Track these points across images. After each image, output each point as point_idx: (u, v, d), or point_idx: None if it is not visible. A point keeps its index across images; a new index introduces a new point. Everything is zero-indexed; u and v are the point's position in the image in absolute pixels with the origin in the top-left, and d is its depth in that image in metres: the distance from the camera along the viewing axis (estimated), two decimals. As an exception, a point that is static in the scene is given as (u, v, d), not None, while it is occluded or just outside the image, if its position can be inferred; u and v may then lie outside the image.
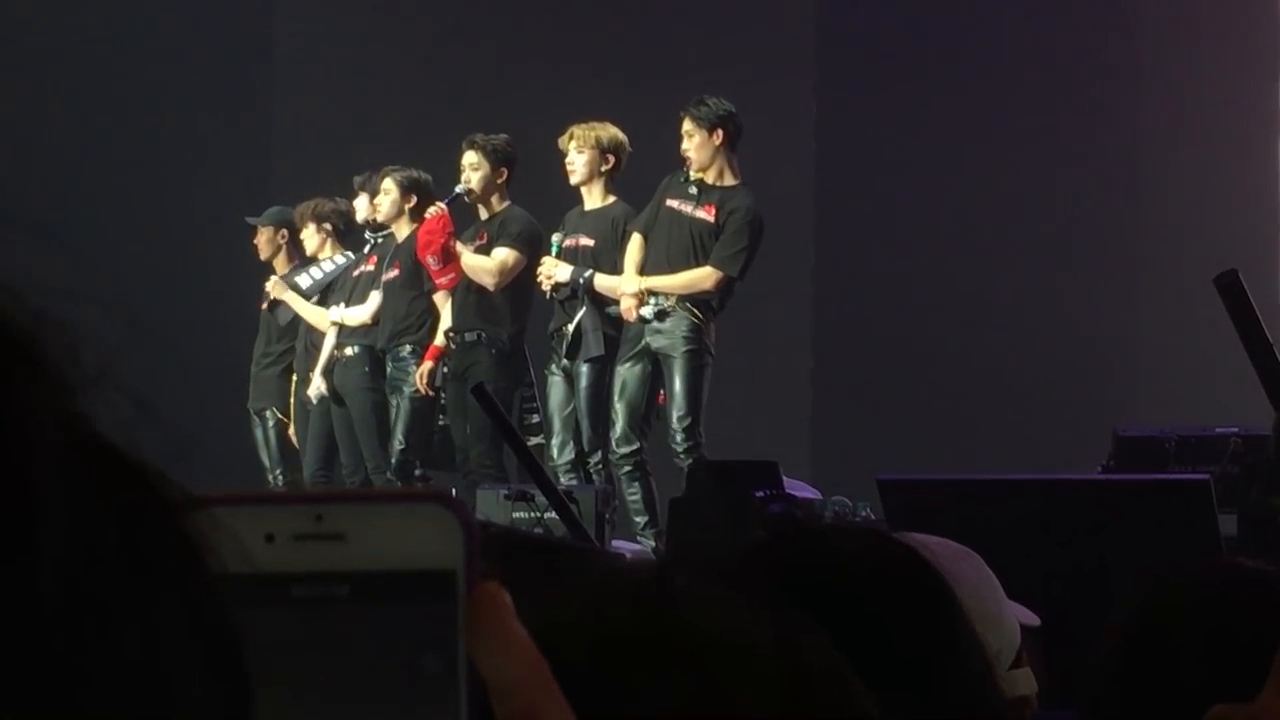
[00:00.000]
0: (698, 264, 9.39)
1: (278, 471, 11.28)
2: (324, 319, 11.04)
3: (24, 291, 0.61)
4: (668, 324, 9.37)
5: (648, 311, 9.36)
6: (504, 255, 9.99)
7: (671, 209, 9.49)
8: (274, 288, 11.28)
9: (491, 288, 9.98)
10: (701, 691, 1.05)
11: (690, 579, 1.08)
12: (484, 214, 10.17)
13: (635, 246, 9.53)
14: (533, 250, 9.94)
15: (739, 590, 1.12)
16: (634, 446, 9.42)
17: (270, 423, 11.38)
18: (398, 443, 10.42)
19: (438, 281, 10.14)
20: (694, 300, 9.37)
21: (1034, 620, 2.18)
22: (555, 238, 9.80)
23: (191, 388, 12.71)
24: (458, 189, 10.11)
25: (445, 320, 10.28)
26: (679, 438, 9.32)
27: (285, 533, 0.71)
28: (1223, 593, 2.03)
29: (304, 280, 11.24)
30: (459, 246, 10.03)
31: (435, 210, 10.10)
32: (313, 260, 11.39)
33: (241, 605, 0.63)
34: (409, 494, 0.74)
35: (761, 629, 1.07)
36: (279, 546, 0.71)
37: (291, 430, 11.33)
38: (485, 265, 9.99)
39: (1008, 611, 2.03)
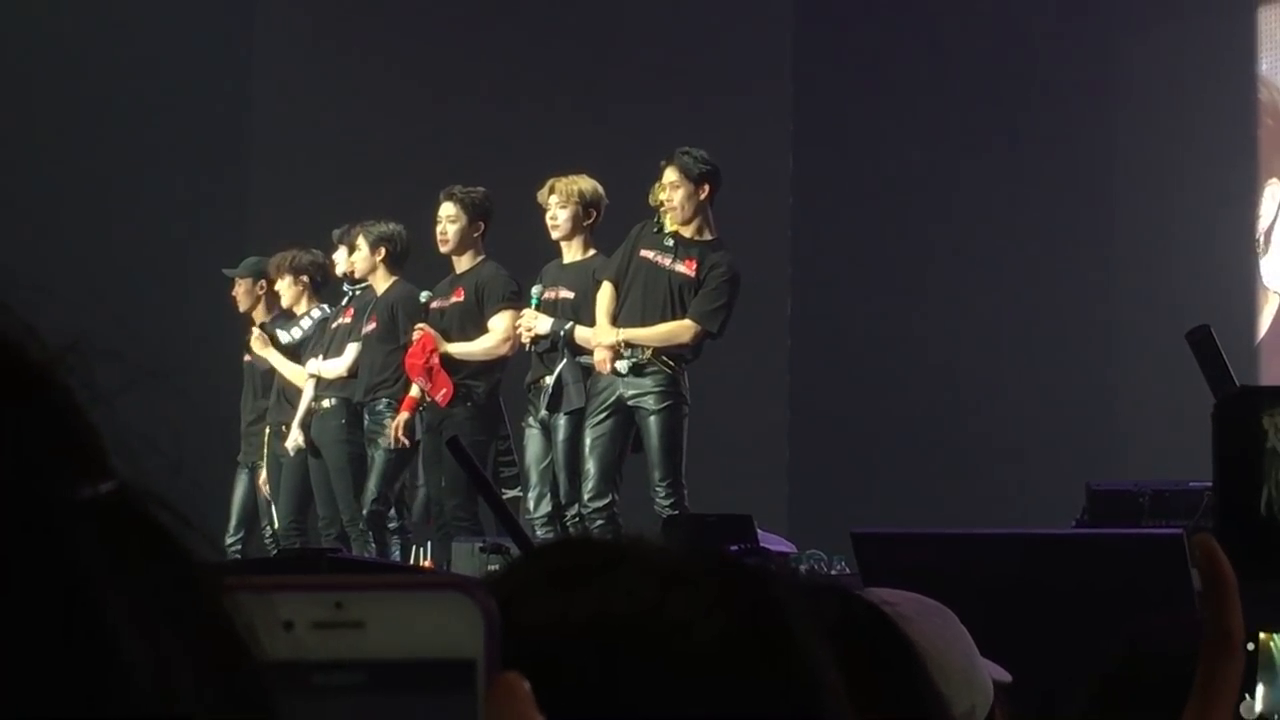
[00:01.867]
0: (674, 317, 9.38)
1: (265, 523, 11.26)
2: (301, 375, 11.04)
3: (52, 349, 0.59)
4: (643, 377, 9.34)
5: (623, 365, 9.33)
6: (501, 321, 9.95)
7: (647, 260, 9.45)
8: (256, 342, 11.26)
9: (508, 354, 9.96)
10: (632, 593, 1.06)
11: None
12: (458, 267, 10.17)
13: (607, 296, 9.47)
14: (518, 304, 9.93)
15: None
16: (606, 500, 9.38)
17: (260, 477, 11.39)
18: (370, 495, 10.41)
19: (435, 398, 10.07)
20: (668, 352, 9.35)
21: (1006, 676, 2.17)
22: (535, 290, 9.79)
23: (170, 437, 12.65)
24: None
25: (421, 375, 10.28)
26: (661, 494, 9.27)
27: (304, 620, 0.70)
28: (1194, 650, 2.04)
29: (284, 336, 11.24)
30: (450, 347, 9.99)
31: (419, 331, 10.07)
32: (289, 313, 11.38)
33: None
34: (431, 582, 0.73)
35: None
36: (298, 634, 0.70)
37: (263, 480, 11.31)
38: (489, 343, 9.96)
39: (980, 668, 2.02)
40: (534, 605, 1.06)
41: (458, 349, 9.99)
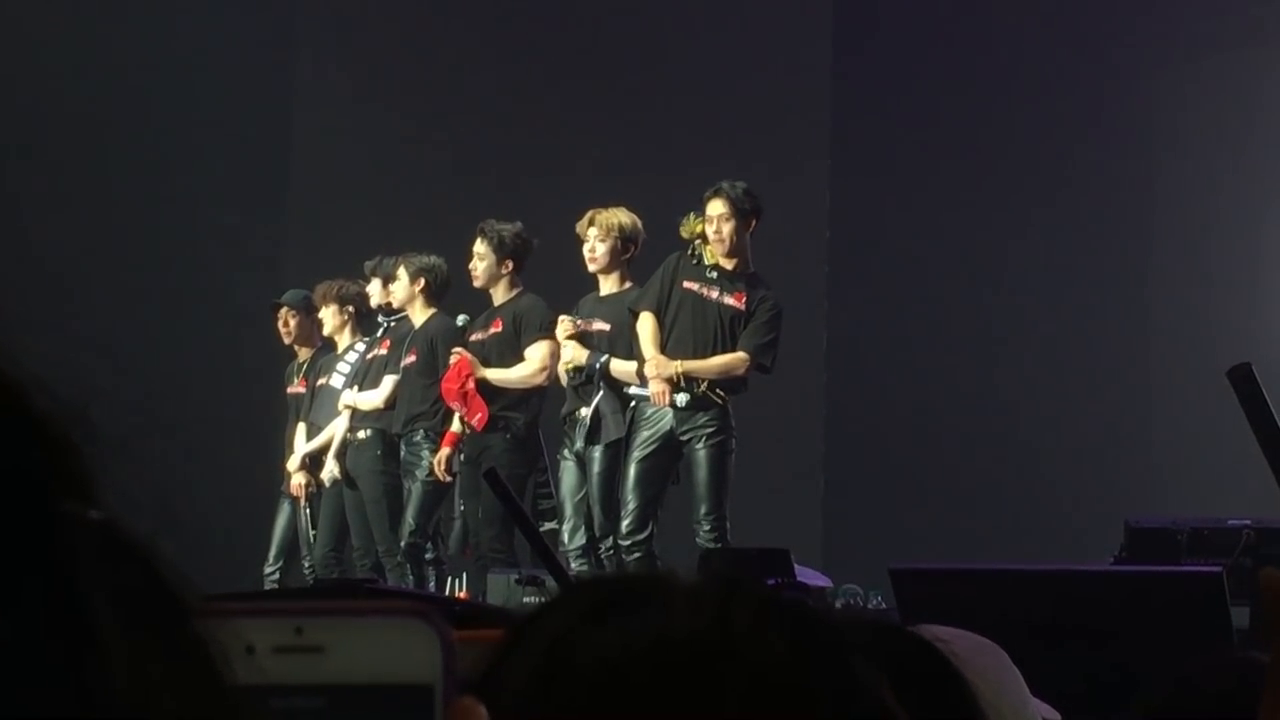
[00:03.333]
0: (724, 350, 9.36)
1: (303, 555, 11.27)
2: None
3: (45, 382, 0.61)
4: (694, 409, 9.31)
5: (681, 399, 9.28)
6: (539, 350, 9.96)
7: (691, 291, 9.45)
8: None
9: (544, 383, 9.97)
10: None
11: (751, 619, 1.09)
12: (495, 299, 10.19)
13: (650, 327, 9.44)
14: (554, 335, 9.94)
15: None
16: (645, 533, 9.37)
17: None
18: (408, 526, 10.42)
19: (470, 422, 10.09)
20: (722, 385, 9.35)
21: (1056, 717, 2.15)
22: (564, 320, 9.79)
23: (207, 469, 12.68)
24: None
25: (460, 407, 10.29)
26: (705, 527, 9.22)
27: (265, 645, 0.71)
28: (1238, 690, 2.03)
29: (337, 380, 11.22)
30: (487, 373, 10.01)
31: (455, 357, 10.09)
32: (330, 348, 11.38)
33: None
34: (388, 608, 0.73)
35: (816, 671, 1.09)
36: (259, 658, 0.71)
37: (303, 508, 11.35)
38: (525, 373, 9.96)
39: (1031, 708, 1.99)
40: (587, 643, 1.06)
41: (495, 374, 10.01)
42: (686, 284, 9.44)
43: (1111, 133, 12.75)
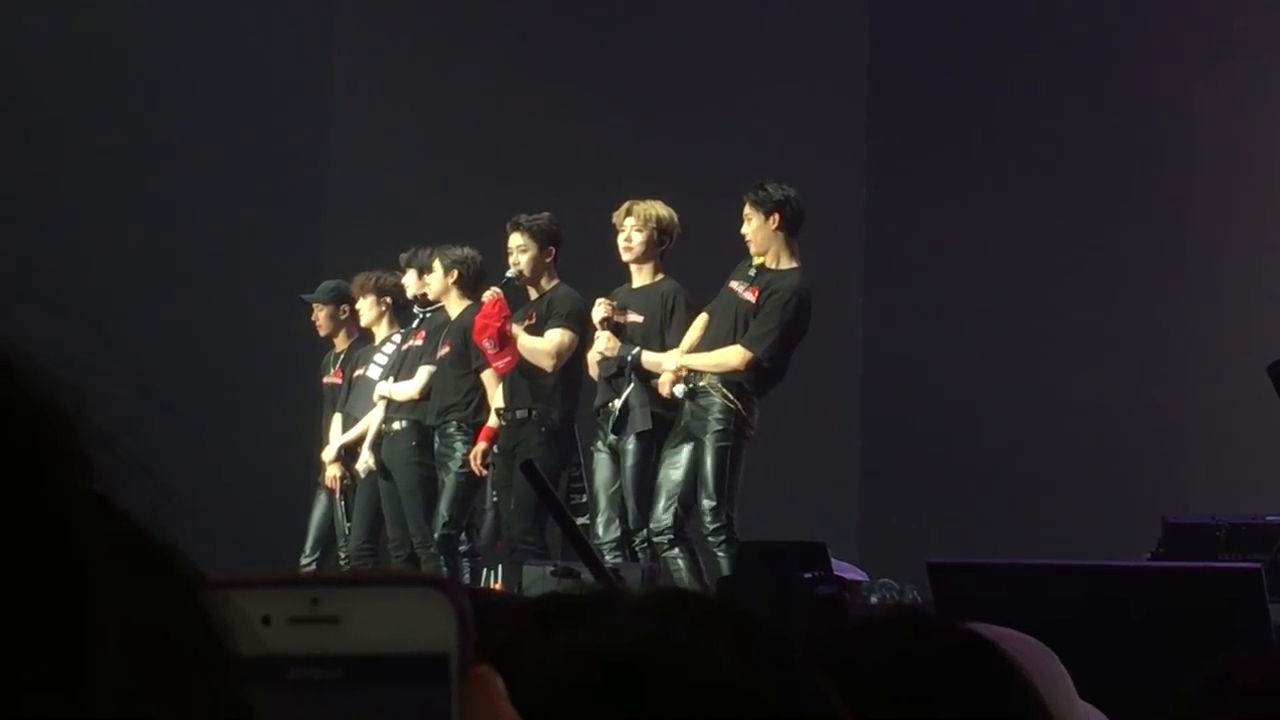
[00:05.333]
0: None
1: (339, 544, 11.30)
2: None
3: (46, 365, 0.62)
4: (701, 404, 9.38)
5: (680, 390, 9.38)
6: (558, 337, 9.99)
7: (730, 290, 9.56)
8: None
9: (549, 369, 9.98)
10: None
11: (692, 625, 1.10)
12: (533, 294, 10.20)
13: (698, 325, 9.58)
14: (584, 328, 9.95)
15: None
16: (672, 524, 9.42)
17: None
18: (441, 518, 10.43)
19: (494, 365, 10.13)
20: (727, 382, 9.37)
21: (1102, 718, 2.12)
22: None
23: (246, 459, 12.73)
24: (508, 273, 10.13)
25: (496, 399, 10.29)
26: (707, 519, 9.33)
27: (281, 615, 0.72)
28: (1277, 686, 2.01)
29: (373, 371, 11.22)
30: (515, 329, 10.04)
31: (490, 295, 10.11)
32: (367, 339, 11.40)
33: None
34: (403, 578, 0.74)
35: (764, 676, 1.09)
36: (275, 629, 0.71)
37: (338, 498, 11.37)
38: (542, 347, 9.99)
39: (1079, 710, 1.97)
40: (532, 649, 1.07)
41: (520, 334, 10.00)
42: (732, 283, 9.55)
43: (1148, 124, 12.70)
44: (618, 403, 9.57)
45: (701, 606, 1.11)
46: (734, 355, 9.38)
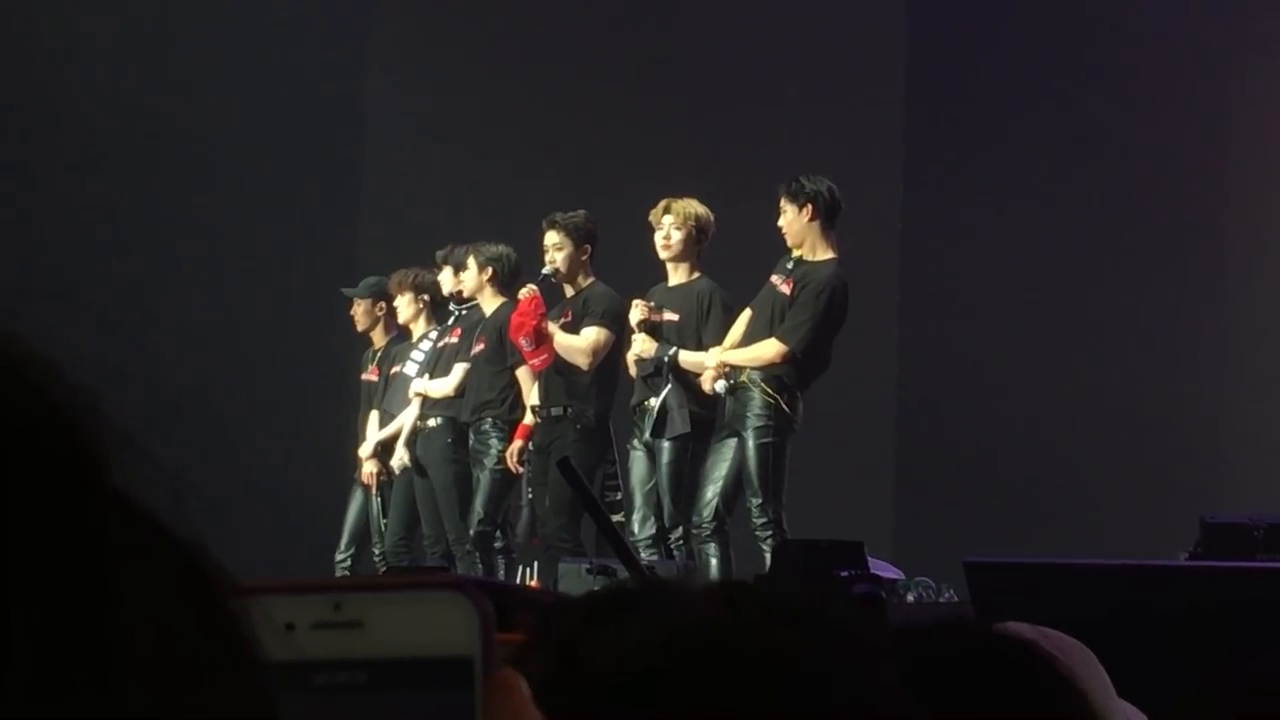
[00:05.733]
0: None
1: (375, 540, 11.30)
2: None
3: (73, 362, 0.62)
4: (742, 400, 9.38)
5: (720, 386, 9.38)
6: (594, 335, 9.99)
7: (770, 284, 9.56)
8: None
9: (585, 367, 9.98)
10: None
11: (761, 610, 1.10)
12: (569, 291, 10.20)
13: (741, 321, 9.59)
14: (619, 327, 9.95)
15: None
16: (713, 517, 9.43)
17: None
18: (477, 515, 10.44)
19: (530, 362, 10.14)
20: (767, 377, 9.36)
21: (1142, 718, 2.11)
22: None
23: (283, 455, 12.74)
24: (545, 270, 10.14)
25: (531, 397, 10.30)
26: (754, 514, 9.33)
27: (304, 622, 0.72)
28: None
29: (410, 368, 11.23)
30: (551, 327, 10.05)
31: (527, 292, 10.12)
32: (406, 332, 11.40)
33: None
34: (425, 582, 0.74)
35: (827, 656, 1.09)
36: (299, 635, 0.72)
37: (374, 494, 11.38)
38: (578, 345, 9.99)
39: (1117, 710, 1.96)
40: (598, 641, 1.06)
41: (556, 332, 10.00)
42: (772, 277, 9.55)
43: (1185, 122, 12.66)
44: (653, 401, 9.57)
45: (763, 594, 1.11)
46: (769, 349, 9.38)
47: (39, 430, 0.60)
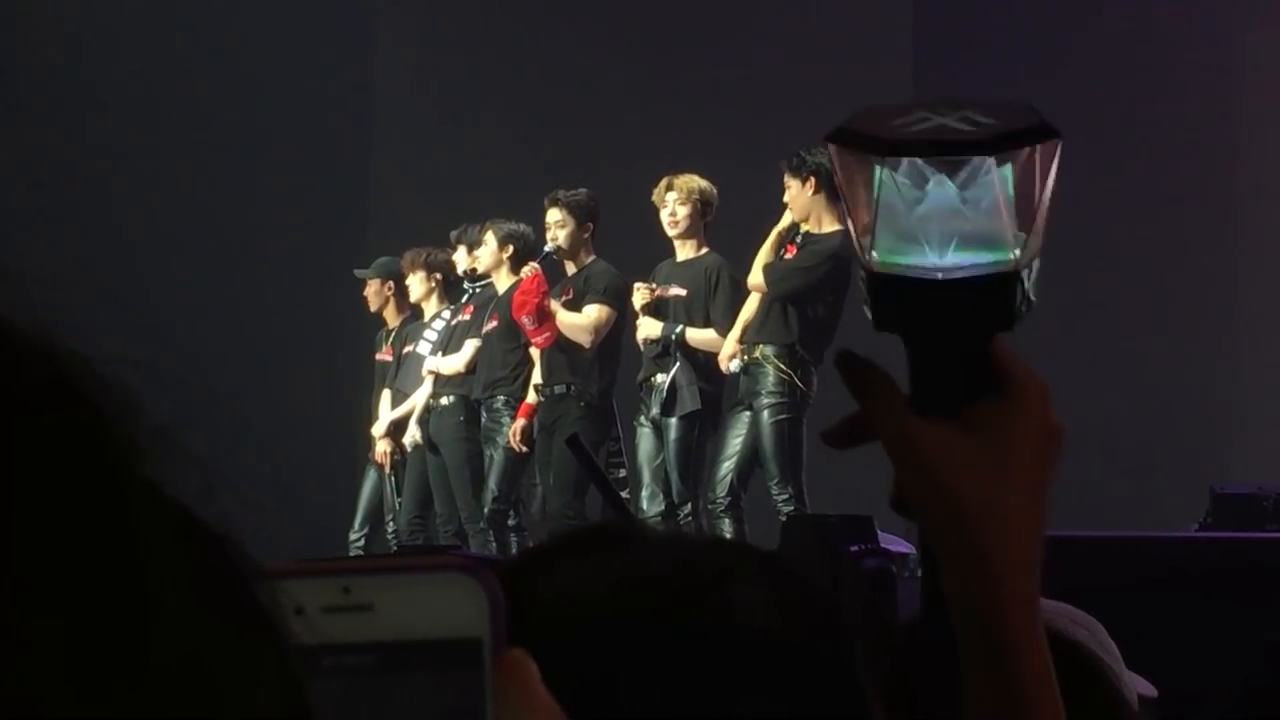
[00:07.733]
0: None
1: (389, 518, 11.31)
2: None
3: (93, 351, 0.62)
4: (755, 377, 9.37)
5: (735, 365, 9.38)
6: (596, 312, 10.00)
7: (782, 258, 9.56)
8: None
9: (587, 345, 9.99)
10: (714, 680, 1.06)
11: (719, 571, 1.09)
12: (571, 269, 10.20)
13: (752, 302, 9.54)
14: (621, 304, 9.96)
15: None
16: (727, 492, 9.44)
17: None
18: (490, 494, 10.45)
19: (534, 341, 10.16)
20: (780, 353, 9.35)
21: (1152, 691, 2.12)
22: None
23: (297, 435, 12.73)
24: (546, 248, 10.15)
25: (536, 375, 10.31)
26: (774, 491, 9.32)
27: (314, 605, 0.72)
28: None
29: (423, 347, 11.22)
30: (554, 305, 10.06)
31: (529, 271, 10.14)
32: (417, 315, 11.40)
33: None
34: (434, 564, 0.74)
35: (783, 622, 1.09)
36: (308, 619, 0.71)
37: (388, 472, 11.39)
38: (580, 323, 10.01)
39: (1127, 682, 1.96)
40: (557, 571, 1.06)
41: (559, 310, 10.02)
42: (784, 254, 9.54)
43: (1197, 91, 12.64)
44: (660, 377, 9.58)
45: (760, 557, 1.10)
46: (749, 303, 9.37)
47: (74, 425, 0.60)
